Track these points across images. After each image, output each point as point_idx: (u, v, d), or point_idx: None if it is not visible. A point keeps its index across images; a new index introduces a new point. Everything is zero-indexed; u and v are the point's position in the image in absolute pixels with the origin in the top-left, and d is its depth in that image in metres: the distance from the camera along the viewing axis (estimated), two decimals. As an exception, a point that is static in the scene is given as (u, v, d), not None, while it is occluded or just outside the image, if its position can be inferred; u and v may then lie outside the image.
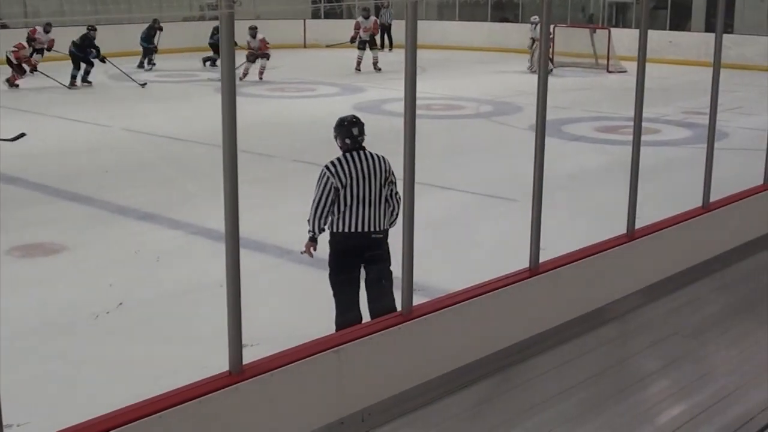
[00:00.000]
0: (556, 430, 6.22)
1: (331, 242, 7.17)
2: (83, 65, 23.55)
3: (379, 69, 27.67)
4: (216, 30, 30.07)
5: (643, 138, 8.42)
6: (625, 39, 28.41)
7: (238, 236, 5.29)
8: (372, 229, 7.00)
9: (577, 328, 7.84)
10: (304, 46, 34.81)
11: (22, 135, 14.94)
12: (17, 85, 22.99)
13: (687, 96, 22.25)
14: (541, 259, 7.47)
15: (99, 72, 24.14)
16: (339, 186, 6.91)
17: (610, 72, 28.37)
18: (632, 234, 8.41)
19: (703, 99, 9.94)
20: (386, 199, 7.06)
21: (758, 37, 28.13)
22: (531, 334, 7.46)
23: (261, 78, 25.06)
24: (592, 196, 12.64)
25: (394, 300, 7.13)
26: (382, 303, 7.10)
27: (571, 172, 13.88)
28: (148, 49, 27.79)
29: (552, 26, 23.87)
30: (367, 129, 7.20)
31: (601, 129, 18.19)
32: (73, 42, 23.45)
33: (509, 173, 13.30)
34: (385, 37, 33.48)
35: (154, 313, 8.35)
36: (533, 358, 7.33)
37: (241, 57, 21.63)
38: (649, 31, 8.49)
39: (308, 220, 7.10)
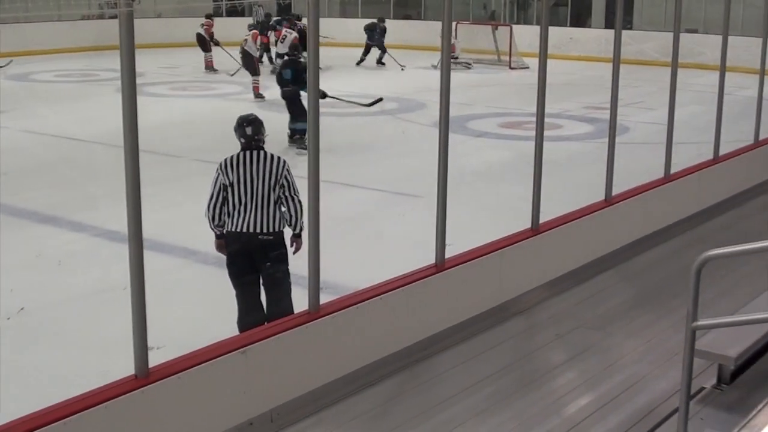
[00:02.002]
0: (464, 424, 6.25)
1: (225, 243, 7.17)
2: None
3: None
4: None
5: (546, 133, 8.52)
6: (526, 35, 28.70)
7: (141, 238, 5.23)
8: (259, 231, 6.96)
9: (483, 322, 7.89)
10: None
11: (380, 99, 15.39)
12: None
13: (588, 91, 22.58)
14: (447, 255, 7.50)
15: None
16: (227, 183, 6.94)
17: (512, 68, 28.65)
18: (537, 228, 8.50)
19: (604, 94, 10.08)
20: (277, 201, 7.00)
21: (656, 32, 28.64)
22: (438, 330, 7.49)
23: None
24: (496, 191, 12.75)
25: (289, 303, 7.11)
26: (276, 307, 7.07)
27: (476, 167, 13.99)
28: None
29: (454, 23, 24.06)
30: (271, 128, 7.17)
31: (504, 125, 18.35)
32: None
33: (414, 170, 13.33)
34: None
35: (57, 318, 8.20)
36: (441, 354, 7.35)
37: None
38: (550, 28, 8.59)
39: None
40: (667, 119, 10.66)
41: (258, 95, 21.72)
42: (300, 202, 6.96)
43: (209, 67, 27.16)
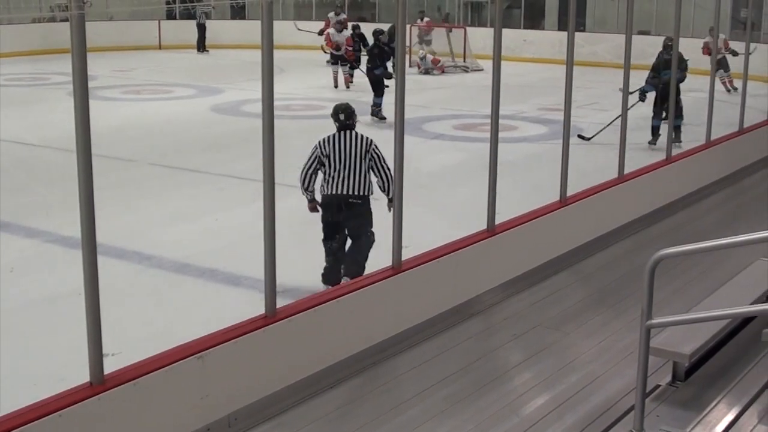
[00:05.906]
0: (423, 426, 6.25)
1: (321, 204, 8.60)
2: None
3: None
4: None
5: (501, 135, 8.55)
6: (480, 38, 28.82)
7: (95, 243, 5.18)
8: (350, 192, 8.35)
9: (440, 324, 7.91)
10: (159, 47, 34.29)
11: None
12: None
13: (542, 93, 22.67)
14: (404, 257, 7.50)
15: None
16: (322, 155, 8.46)
17: (466, 70, 28.72)
18: (493, 229, 8.52)
19: (558, 95, 10.13)
20: (367, 170, 8.40)
21: (608, 34, 28.86)
22: (396, 332, 7.49)
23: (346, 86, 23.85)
24: (452, 192, 12.77)
25: (364, 257, 8.43)
26: (351, 256, 8.50)
27: (432, 169, 14.01)
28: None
29: (408, 26, 24.07)
30: (225, 130, 7.17)
31: (459, 127, 18.40)
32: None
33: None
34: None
35: (9, 325, 8.08)
36: (399, 356, 7.36)
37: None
38: (504, 30, 8.62)
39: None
40: (621, 120, 10.74)
41: None
42: (390, 170, 8.05)
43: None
